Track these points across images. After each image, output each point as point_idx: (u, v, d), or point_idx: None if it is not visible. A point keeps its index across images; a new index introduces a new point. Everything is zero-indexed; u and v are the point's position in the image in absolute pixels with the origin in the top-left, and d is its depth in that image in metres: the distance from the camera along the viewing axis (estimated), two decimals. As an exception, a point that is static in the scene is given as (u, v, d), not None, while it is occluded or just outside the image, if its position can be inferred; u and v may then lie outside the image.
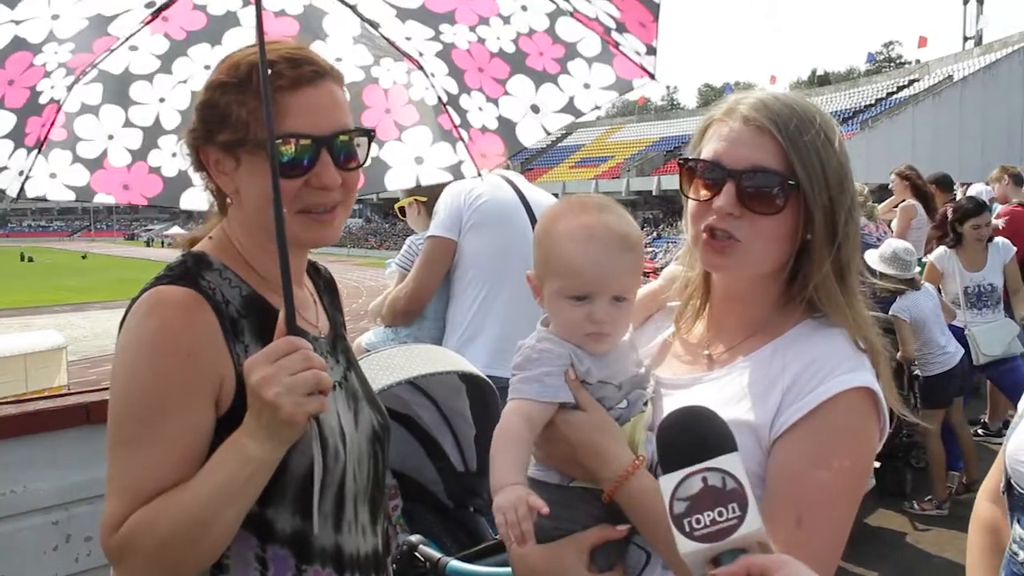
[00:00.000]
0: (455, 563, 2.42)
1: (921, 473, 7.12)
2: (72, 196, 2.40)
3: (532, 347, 1.69)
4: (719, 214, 1.62)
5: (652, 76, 2.36)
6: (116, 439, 1.62)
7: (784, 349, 1.65)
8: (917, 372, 6.72)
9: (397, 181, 2.55)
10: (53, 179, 2.36)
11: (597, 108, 2.45)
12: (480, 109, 2.50)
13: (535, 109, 2.46)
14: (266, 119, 1.63)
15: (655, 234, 55.79)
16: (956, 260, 7.38)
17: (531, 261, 1.78)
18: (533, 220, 4.11)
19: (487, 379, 2.87)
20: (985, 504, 2.27)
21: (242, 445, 1.57)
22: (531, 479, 1.69)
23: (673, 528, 1.27)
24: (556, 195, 3.17)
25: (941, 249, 7.49)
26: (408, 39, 2.46)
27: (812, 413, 1.54)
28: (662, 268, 2.15)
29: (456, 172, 2.58)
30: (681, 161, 1.72)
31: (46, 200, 2.42)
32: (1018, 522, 2.02)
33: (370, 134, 1.82)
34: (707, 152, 1.68)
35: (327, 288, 2.07)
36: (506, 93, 2.47)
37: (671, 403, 1.69)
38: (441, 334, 4.20)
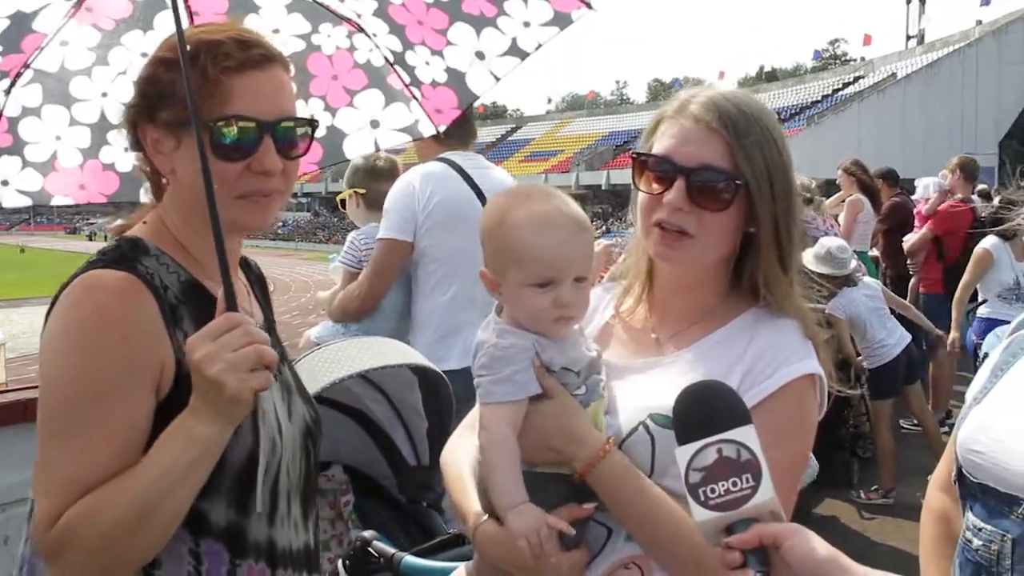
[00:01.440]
0: (410, 559, 2.39)
1: (867, 463, 7.25)
2: (28, 201, 2.36)
3: (495, 344, 1.68)
4: (669, 208, 1.70)
5: (589, 5, 2.38)
6: (50, 431, 1.56)
7: (737, 336, 1.76)
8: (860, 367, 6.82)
9: (356, 148, 2.51)
10: (6, 186, 2.32)
11: (541, 46, 2.42)
12: (427, 63, 2.48)
13: (480, 56, 2.45)
14: (189, 101, 1.59)
15: (604, 228, 55.86)
16: (1008, 251, 7.31)
17: None
18: None
19: (439, 371, 2.84)
20: (936, 494, 2.30)
21: (188, 426, 1.54)
22: None
23: (688, 497, 1.32)
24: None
25: (994, 238, 7.25)
26: (342, 0, 2.42)
27: (770, 398, 1.66)
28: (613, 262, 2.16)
29: (413, 131, 2.54)
30: (634, 155, 1.79)
31: (2, 209, 2.39)
32: (971, 510, 2.04)
33: (314, 123, 1.81)
34: (659, 148, 1.75)
35: (258, 282, 2.05)
36: (449, 43, 2.45)
37: (625, 386, 1.77)
38: (396, 328, 4.14)
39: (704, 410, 1.38)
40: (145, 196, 2.30)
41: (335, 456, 2.97)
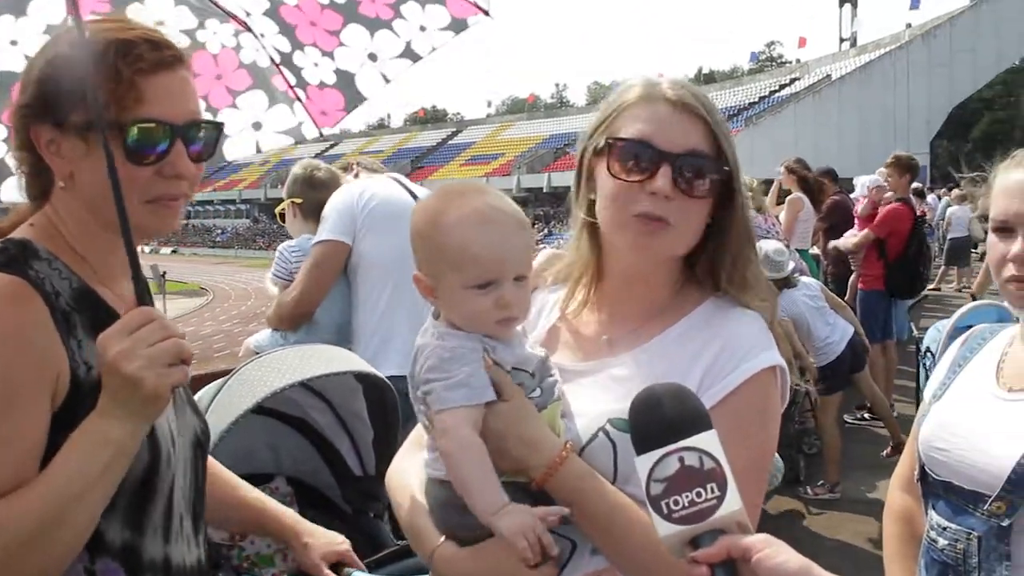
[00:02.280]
0: (357, 573, 2.30)
1: (812, 459, 7.31)
2: None
3: (441, 346, 1.59)
4: (656, 197, 1.59)
5: (486, 12, 2.35)
6: None
7: (696, 330, 1.68)
8: (810, 363, 6.89)
9: (236, 150, 2.44)
10: None
11: (434, 50, 2.40)
12: (316, 65, 2.43)
13: (372, 57, 2.41)
14: (93, 103, 1.52)
15: (546, 231, 56.17)
16: None
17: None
18: None
19: (384, 379, 2.76)
20: (898, 493, 2.28)
21: (99, 429, 1.47)
22: (445, 481, 1.59)
23: (650, 510, 1.25)
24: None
25: None
26: None
27: (734, 393, 1.59)
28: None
29: (296, 134, 2.48)
30: (611, 141, 1.66)
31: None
32: (934, 508, 2.02)
33: (221, 127, 1.77)
34: (632, 133, 1.64)
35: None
36: (341, 44, 2.40)
37: (580, 391, 1.68)
38: (336, 340, 4.02)
39: (662, 416, 1.30)
40: (5, 194, 2.20)
41: (278, 467, 2.89)
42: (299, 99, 2.45)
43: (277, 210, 4.63)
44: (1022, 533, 1.84)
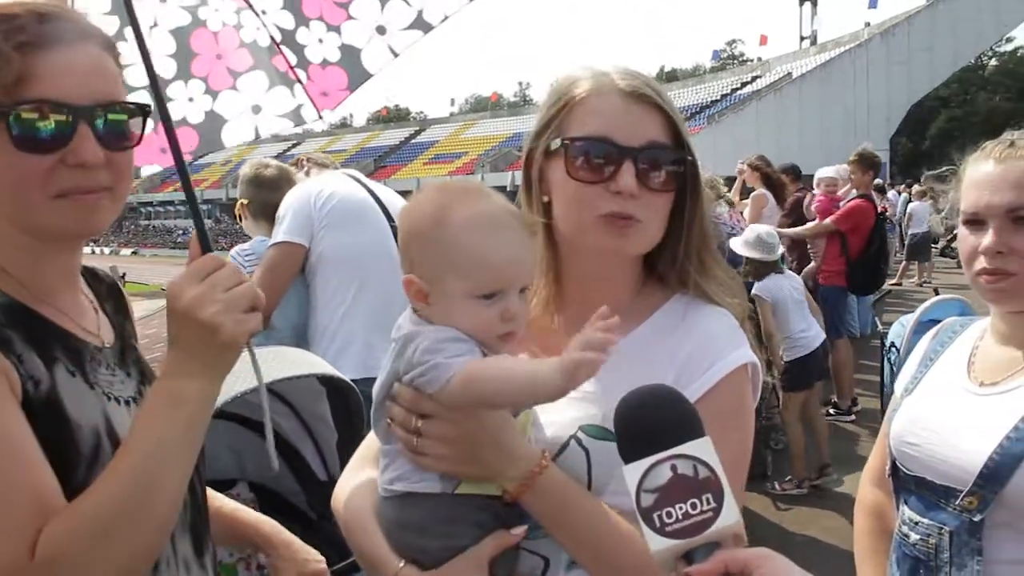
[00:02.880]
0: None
1: (780, 455, 7.33)
2: None
3: (439, 329, 1.47)
4: (622, 196, 1.52)
5: None
6: None
7: (666, 330, 1.62)
8: (778, 357, 6.92)
9: (235, 135, 2.33)
10: None
11: (446, 19, 2.28)
12: (320, 41, 2.30)
13: (381, 30, 2.29)
14: None
15: (513, 230, 56.20)
16: None
17: (396, 258, 1.58)
18: (387, 216, 3.95)
19: (348, 381, 2.70)
20: (869, 489, 2.27)
21: (174, 387, 1.37)
22: (405, 494, 1.51)
23: (642, 523, 1.14)
24: (409, 192, 3.01)
25: None
26: None
27: (709, 393, 1.54)
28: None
29: (296, 118, 2.38)
30: (567, 142, 1.57)
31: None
32: (906, 503, 2.01)
33: (146, 109, 1.55)
34: (587, 130, 1.56)
35: (110, 294, 1.76)
36: (350, 17, 2.29)
37: None
38: (294, 342, 3.93)
39: (651, 421, 1.21)
40: None
41: (241, 473, 2.83)
42: (299, 80, 2.34)
43: (236, 211, 4.55)
44: (994, 528, 1.83)
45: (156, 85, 1.70)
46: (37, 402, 1.37)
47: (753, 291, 6.67)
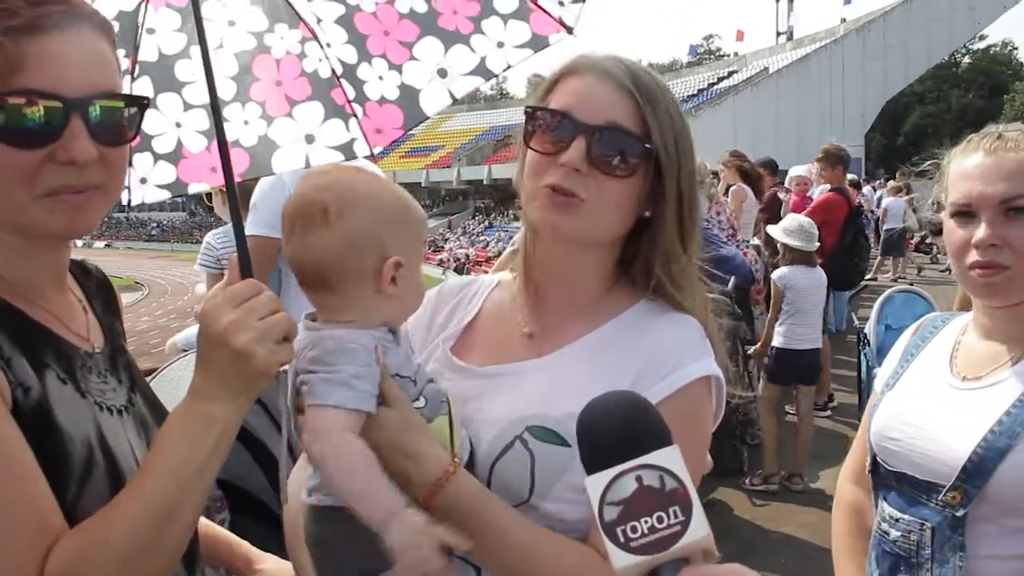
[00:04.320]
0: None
1: (756, 450, 7.32)
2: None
3: (331, 335, 1.41)
4: (565, 169, 1.48)
5: (569, 30, 2.22)
6: None
7: (626, 333, 1.57)
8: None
9: (285, 163, 2.30)
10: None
11: (509, 68, 2.26)
12: (380, 78, 2.28)
13: (442, 74, 2.27)
14: None
15: (487, 223, 56.08)
16: None
17: None
18: None
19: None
20: (848, 486, 2.24)
21: (201, 409, 1.33)
22: (314, 508, 1.43)
23: (605, 539, 1.06)
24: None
25: None
26: (309, 0, 2.26)
27: (666, 400, 1.45)
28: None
29: (347, 151, 2.33)
30: (529, 109, 1.57)
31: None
32: (885, 500, 1.98)
33: (143, 102, 1.45)
34: (557, 103, 1.55)
35: (99, 291, 1.68)
36: (412, 58, 2.27)
37: (495, 395, 1.56)
38: None
39: (616, 429, 1.13)
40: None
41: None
42: (355, 115, 2.32)
43: (203, 191, 4.46)
44: (976, 523, 1.81)
45: (216, 106, 1.73)
46: (27, 410, 1.28)
47: (773, 277, 6.97)
